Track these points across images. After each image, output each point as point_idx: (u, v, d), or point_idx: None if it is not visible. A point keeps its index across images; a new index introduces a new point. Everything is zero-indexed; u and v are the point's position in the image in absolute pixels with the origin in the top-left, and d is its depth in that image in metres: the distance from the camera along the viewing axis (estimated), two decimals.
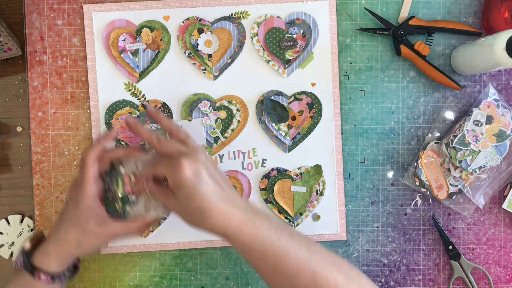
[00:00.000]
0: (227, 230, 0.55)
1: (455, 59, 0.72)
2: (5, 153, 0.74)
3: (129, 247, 0.74)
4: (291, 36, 0.73)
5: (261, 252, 0.55)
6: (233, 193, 0.58)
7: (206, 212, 0.55)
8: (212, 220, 0.55)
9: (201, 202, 0.55)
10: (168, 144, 0.59)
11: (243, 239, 0.55)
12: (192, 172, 0.55)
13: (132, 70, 0.73)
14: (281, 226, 0.57)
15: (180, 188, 0.55)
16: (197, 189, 0.55)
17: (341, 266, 0.56)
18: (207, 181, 0.55)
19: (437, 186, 0.72)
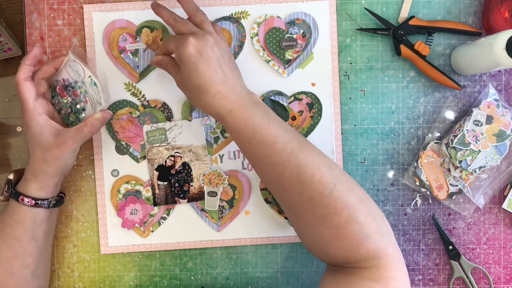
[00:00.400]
0: (220, 111, 0.59)
1: (455, 59, 0.72)
2: (5, 153, 0.74)
3: (129, 247, 0.74)
4: (291, 36, 0.73)
5: (250, 137, 0.57)
6: (236, 79, 0.60)
7: (203, 90, 0.58)
8: (208, 99, 0.59)
9: (199, 79, 0.58)
10: (183, 24, 0.62)
11: (235, 122, 0.58)
12: (196, 50, 0.58)
13: (132, 70, 0.73)
14: (277, 120, 0.59)
15: (183, 64, 0.59)
16: (197, 67, 0.58)
17: (332, 169, 0.57)
18: (209, 61, 0.58)
19: (437, 186, 0.72)
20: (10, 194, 0.65)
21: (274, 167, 0.57)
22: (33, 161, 0.64)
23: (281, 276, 0.75)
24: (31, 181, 0.64)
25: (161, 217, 0.74)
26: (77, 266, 0.74)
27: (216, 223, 0.74)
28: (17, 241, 0.64)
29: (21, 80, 0.63)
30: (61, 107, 0.68)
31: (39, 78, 0.65)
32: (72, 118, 0.68)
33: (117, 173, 0.73)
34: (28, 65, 0.63)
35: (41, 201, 0.64)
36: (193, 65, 0.58)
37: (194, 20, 0.64)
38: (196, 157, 0.73)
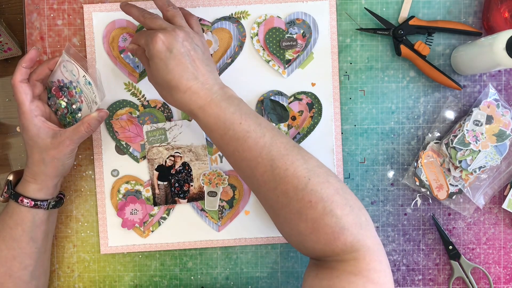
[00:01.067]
0: (191, 107, 0.58)
1: (455, 59, 0.72)
2: (5, 153, 0.74)
3: (129, 247, 0.74)
4: (291, 36, 0.73)
5: (222, 133, 0.57)
6: (208, 75, 0.59)
7: (173, 87, 0.58)
8: (178, 95, 0.58)
9: (168, 75, 0.58)
10: (153, 20, 0.61)
11: (206, 118, 0.58)
12: (164, 46, 0.57)
13: (132, 70, 0.73)
14: (250, 114, 0.58)
15: (152, 60, 0.58)
16: (166, 63, 0.58)
17: (307, 162, 0.56)
18: (178, 57, 0.58)
19: (437, 186, 0.72)
20: (9, 195, 0.65)
21: (247, 163, 0.56)
22: (31, 162, 0.64)
23: (281, 276, 0.75)
24: (31, 182, 0.64)
25: (161, 217, 0.74)
26: (77, 266, 0.74)
27: (216, 223, 0.74)
28: (16, 242, 0.64)
29: (17, 82, 0.62)
30: (57, 108, 0.68)
31: (34, 79, 0.65)
32: (69, 119, 0.68)
33: (117, 173, 0.73)
34: (24, 68, 0.63)
35: (40, 202, 0.64)
36: (162, 61, 0.57)
37: (166, 15, 0.63)
38: (196, 157, 0.73)
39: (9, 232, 0.64)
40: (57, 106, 0.68)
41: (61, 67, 0.66)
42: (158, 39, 0.57)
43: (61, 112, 0.68)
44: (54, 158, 0.63)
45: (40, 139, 0.63)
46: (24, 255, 0.64)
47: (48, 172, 0.64)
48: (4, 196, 0.65)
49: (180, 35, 0.59)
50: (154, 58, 0.58)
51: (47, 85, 0.68)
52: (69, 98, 0.67)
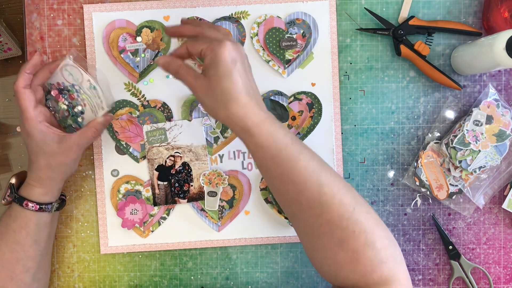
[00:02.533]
0: (247, 123, 0.55)
1: (455, 59, 0.72)
2: (5, 153, 0.74)
3: (129, 247, 0.74)
4: (291, 36, 0.73)
5: (275, 154, 0.55)
6: (259, 95, 0.58)
7: (232, 98, 0.55)
8: (235, 108, 0.55)
9: (230, 86, 0.55)
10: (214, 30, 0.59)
11: (260, 136, 0.55)
12: (232, 56, 0.55)
13: (132, 70, 0.73)
14: (297, 139, 0.57)
15: (216, 67, 0.55)
16: (231, 73, 0.55)
17: (350, 191, 0.56)
18: (243, 69, 0.56)
19: (437, 186, 0.72)
20: (13, 199, 0.64)
21: (294, 186, 0.55)
22: (37, 168, 0.63)
23: (281, 276, 0.75)
24: (36, 186, 0.64)
25: (161, 217, 0.74)
26: (77, 266, 0.74)
27: (216, 223, 0.74)
28: (19, 246, 0.63)
29: (20, 88, 0.62)
30: (56, 111, 0.67)
31: (36, 84, 0.64)
32: (70, 122, 0.67)
33: (117, 173, 0.73)
34: (28, 73, 0.62)
35: (45, 206, 0.64)
36: (228, 69, 0.54)
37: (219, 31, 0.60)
38: (196, 157, 0.73)
39: (12, 236, 0.63)
40: (57, 108, 0.67)
41: (62, 70, 0.66)
42: (228, 45, 0.55)
43: (61, 115, 0.67)
44: (61, 164, 0.63)
45: (46, 145, 0.62)
46: (27, 258, 0.64)
47: (55, 177, 0.64)
48: (6, 200, 0.65)
49: (240, 49, 0.57)
50: (220, 64, 0.54)
51: (44, 88, 0.67)
52: (70, 101, 0.66)
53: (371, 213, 0.55)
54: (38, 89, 0.65)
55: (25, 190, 0.64)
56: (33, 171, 0.64)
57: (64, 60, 0.65)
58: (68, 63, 0.65)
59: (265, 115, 0.56)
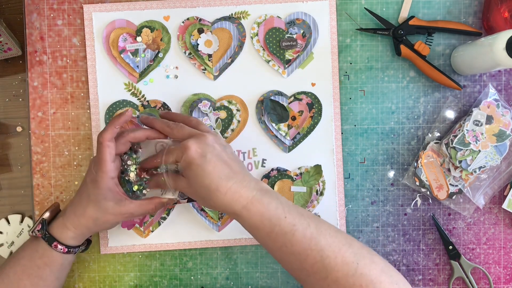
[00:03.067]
0: (234, 208, 0.57)
1: (455, 59, 0.72)
2: (5, 153, 0.74)
3: (129, 247, 0.74)
4: (291, 36, 0.73)
5: (269, 231, 0.56)
6: (243, 172, 0.60)
7: (213, 190, 0.57)
8: (220, 198, 0.57)
9: (207, 180, 0.57)
10: (180, 129, 0.62)
11: (251, 217, 0.57)
12: (198, 153, 0.58)
13: (132, 70, 0.73)
14: (290, 205, 0.58)
15: (189, 168, 0.58)
16: (203, 168, 0.57)
17: (351, 245, 0.56)
18: (213, 161, 0.58)
19: (437, 186, 0.72)
20: (43, 236, 0.63)
21: (296, 256, 0.56)
22: (82, 214, 0.62)
23: (281, 276, 0.75)
24: (70, 230, 0.63)
25: (161, 217, 0.74)
26: (77, 266, 0.74)
27: (216, 223, 0.74)
28: (42, 281, 0.63)
29: (106, 141, 0.61)
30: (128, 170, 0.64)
31: (127, 140, 0.63)
32: (135, 188, 0.65)
33: None
34: (117, 128, 0.62)
35: (72, 249, 0.64)
36: (199, 167, 0.57)
37: (189, 124, 0.63)
38: None
39: (36, 271, 0.63)
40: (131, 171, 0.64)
41: (158, 145, 0.65)
42: (192, 146, 0.58)
43: (129, 177, 0.65)
44: (106, 222, 0.63)
45: (104, 200, 0.61)
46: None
47: (94, 229, 0.64)
48: (35, 233, 0.63)
49: (210, 138, 0.59)
50: (191, 166, 0.58)
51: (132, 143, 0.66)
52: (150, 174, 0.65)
53: (375, 261, 0.56)
54: (127, 144, 0.64)
55: (58, 230, 0.63)
56: (76, 215, 0.63)
57: (167, 139, 0.65)
58: (169, 143, 0.64)
59: (252, 194, 0.57)
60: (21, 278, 0.63)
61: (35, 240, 0.64)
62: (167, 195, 0.66)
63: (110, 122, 0.62)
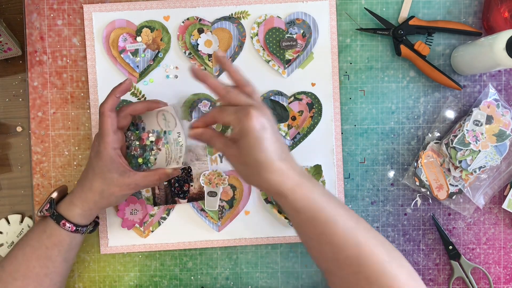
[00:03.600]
0: (281, 189, 0.55)
1: (455, 59, 0.72)
2: (5, 153, 0.74)
3: (129, 247, 0.74)
4: (291, 36, 0.73)
5: (311, 216, 0.55)
6: (290, 155, 0.58)
7: (264, 167, 0.55)
8: (268, 176, 0.55)
9: (262, 155, 0.55)
10: (238, 95, 0.58)
11: (295, 200, 0.55)
12: (260, 124, 0.55)
13: (132, 70, 0.73)
14: (332, 196, 0.57)
15: (245, 138, 0.55)
16: (261, 142, 0.55)
17: (384, 244, 0.56)
18: (271, 137, 0.55)
19: (437, 186, 0.72)
20: (51, 215, 0.63)
21: (332, 246, 0.55)
22: (89, 188, 0.63)
23: (281, 276, 0.75)
24: (78, 207, 0.63)
25: (161, 217, 0.74)
26: (77, 266, 0.74)
27: (216, 223, 0.74)
28: (50, 262, 0.63)
29: (107, 111, 0.61)
30: (132, 144, 0.66)
31: (127, 113, 0.64)
32: (140, 161, 0.66)
33: None
34: (118, 97, 0.62)
35: (81, 228, 0.64)
36: (257, 140, 0.54)
37: (244, 90, 0.60)
38: (196, 157, 0.73)
39: (44, 251, 0.63)
40: (134, 144, 0.65)
41: (159, 113, 0.65)
42: (253, 115, 0.54)
43: (134, 151, 0.66)
44: (112, 195, 0.63)
45: (109, 172, 0.61)
46: (55, 274, 0.64)
47: (100, 204, 0.64)
48: (43, 213, 0.64)
49: (268, 112, 0.57)
50: (248, 135, 0.54)
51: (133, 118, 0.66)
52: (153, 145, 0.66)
53: (404, 265, 0.56)
54: (127, 117, 0.64)
55: (65, 208, 0.64)
56: (83, 190, 0.63)
57: (167, 106, 0.65)
58: (169, 110, 0.65)
59: (300, 178, 0.56)
60: (30, 259, 0.63)
61: (43, 221, 0.64)
62: (172, 165, 0.66)
63: (110, 92, 0.62)
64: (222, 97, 0.59)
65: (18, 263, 0.63)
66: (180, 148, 0.66)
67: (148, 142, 0.66)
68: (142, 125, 0.66)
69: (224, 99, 0.59)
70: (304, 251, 0.74)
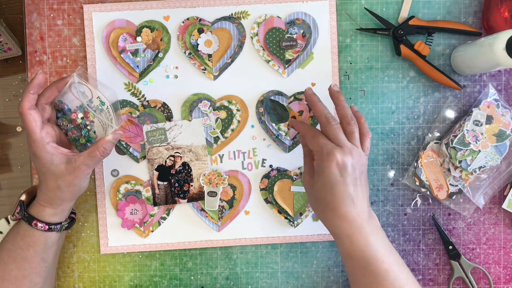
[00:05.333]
0: (340, 234, 0.58)
1: (455, 59, 0.72)
2: (5, 153, 0.74)
3: (129, 247, 0.74)
4: (291, 36, 0.73)
5: (363, 266, 0.57)
6: (364, 201, 0.59)
7: (330, 208, 0.58)
8: (331, 217, 0.58)
9: (330, 197, 0.57)
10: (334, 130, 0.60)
11: (351, 248, 0.58)
12: (338, 169, 0.57)
13: (132, 70, 0.73)
14: (391, 250, 0.59)
15: (321, 176, 0.58)
16: (333, 186, 0.57)
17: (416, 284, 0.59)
18: (346, 183, 0.57)
19: (437, 186, 0.72)
20: (22, 217, 0.63)
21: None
22: (46, 189, 0.62)
23: (281, 276, 0.75)
24: (46, 207, 0.63)
25: (161, 217, 0.74)
26: (77, 266, 0.74)
27: (216, 223, 0.74)
28: (27, 263, 0.63)
29: (25, 110, 0.60)
30: (67, 130, 0.66)
31: (43, 103, 0.62)
32: (83, 140, 0.66)
33: (117, 173, 0.73)
34: (32, 94, 0.60)
35: (54, 226, 0.64)
36: (331, 183, 0.57)
37: (345, 128, 0.62)
38: (196, 157, 0.73)
39: (20, 253, 0.63)
40: (68, 128, 0.65)
41: (71, 88, 0.64)
42: (334, 159, 0.57)
43: (73, 134, 0.66)
44: (71, 184, 0.62)
45: (54, 166, 0.61)
46: (34, 274, 0.64)
47: (65, 197, 0.63)
48: (15, 217, 0.64)
49: (355, 157, 0.58)
50: (324, 175, 0.57)
51: (55, 105, 0.66)
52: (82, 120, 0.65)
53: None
54: (45, 108, 0.63)
55: (35, 210, 0.63)
56: (43, 192, 0.63)
57: (72, 77, 0.63)
58: (75, 80, 0.63)
59: (362, 228, 0.57)
60: (7, 262, 0.63)
61: (17, 224, 0.65)
62: (109, 131, 0.65)
63: (25, 90, 0.61)
64: (322, 125, 0.62)
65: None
66: (107, 110, 0.64)
67: (79, 120, 0.65)
68: (66, 107, 0.65)
69: (322, 128, 0.61)
70: (304, 251, 0.74)
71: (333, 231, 0.59)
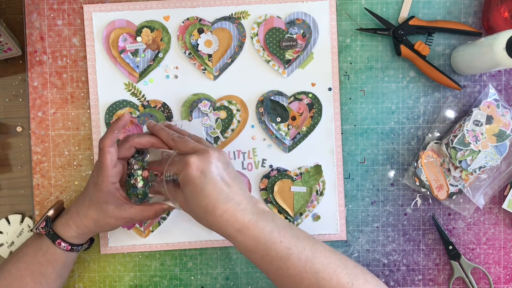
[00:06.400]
0: (229, 231, 0.57)
1: (455, 59, 0.72)
2: (5, 153, 0.74)
3: (129, 247, 0.74)
4: (291, 36, 0.73)
5: (264, 254, 0.56)
6: (241, 193, 0.58)
7: (209, 211, 0.56)
8: (215, 220, 0.56)
9: (204, 201, 0.56)
10: (184, 143, 0.60)
11: (245, 241, 0.56)
12: (199, 171, 0.56)
13: (132, 70, 0.73)
14: (286, 228, 0.58)
15: (187, 186, 0.57)
16: (202, 188, 0.56)
17: (346, 265, 0.57)
18: (214, 180, 0.56)
19: (437, 186, 0.72)
20: (47, 233, 0.63)
21: (291, 279, 0.56)
22: (84, 215, 0.63)
23: None
24: (72, 229, 0.63)
25: (161, 217, 0.73)
26: (77, 266, 0.74)
27: None
28: (44, 278, 0.63)
29: (106, 147, 0.60)
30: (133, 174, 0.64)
31: (131, 145, 0.63)
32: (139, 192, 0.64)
33: None
34: (117, 134, 0.61)
35: (76, 247, 0.64)
36: (198, 187, 0.56)
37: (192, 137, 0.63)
38: None
39: (38, 268, 0.63)
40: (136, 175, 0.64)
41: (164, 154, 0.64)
42: (192, 164, 0.56)
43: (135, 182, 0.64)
44: (107, 224, 0.63)
45: (106, 203, 0.61)
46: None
47: (95, 230, 0.64)
48: (39, 231, 0.64)
49: (213, 155, 0.57)
50: (189, 184, 0.56)
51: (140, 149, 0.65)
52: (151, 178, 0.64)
53: (369, 280, 0.57)
54: (131, 149, 0.63)
55: (61, 228, 0.64)
56: (79, 216, 0.63)
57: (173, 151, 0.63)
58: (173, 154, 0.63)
59: (247, 218, 0.56)
60: (24, 275, 0.63)
61: (39, 237, 0.64)
62: (169, 203, 0.65)
63: (109, 128, 0.62)
64: (173, 148, 0.61)
65: (11, 278, 0.63)
66: None
67: (151, 176, 0.64)
68: (147, 155, 0.65)
69: (175, 149, 0.61)
70: None
71: (223, 232, 0.57)
